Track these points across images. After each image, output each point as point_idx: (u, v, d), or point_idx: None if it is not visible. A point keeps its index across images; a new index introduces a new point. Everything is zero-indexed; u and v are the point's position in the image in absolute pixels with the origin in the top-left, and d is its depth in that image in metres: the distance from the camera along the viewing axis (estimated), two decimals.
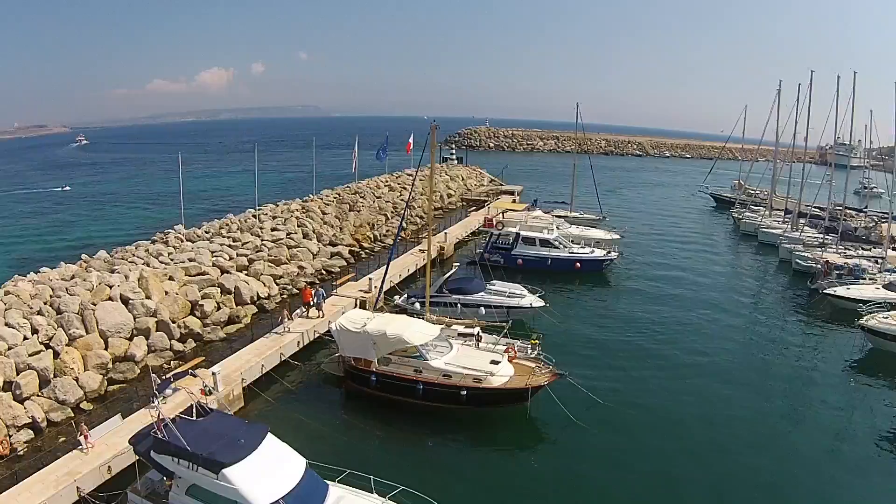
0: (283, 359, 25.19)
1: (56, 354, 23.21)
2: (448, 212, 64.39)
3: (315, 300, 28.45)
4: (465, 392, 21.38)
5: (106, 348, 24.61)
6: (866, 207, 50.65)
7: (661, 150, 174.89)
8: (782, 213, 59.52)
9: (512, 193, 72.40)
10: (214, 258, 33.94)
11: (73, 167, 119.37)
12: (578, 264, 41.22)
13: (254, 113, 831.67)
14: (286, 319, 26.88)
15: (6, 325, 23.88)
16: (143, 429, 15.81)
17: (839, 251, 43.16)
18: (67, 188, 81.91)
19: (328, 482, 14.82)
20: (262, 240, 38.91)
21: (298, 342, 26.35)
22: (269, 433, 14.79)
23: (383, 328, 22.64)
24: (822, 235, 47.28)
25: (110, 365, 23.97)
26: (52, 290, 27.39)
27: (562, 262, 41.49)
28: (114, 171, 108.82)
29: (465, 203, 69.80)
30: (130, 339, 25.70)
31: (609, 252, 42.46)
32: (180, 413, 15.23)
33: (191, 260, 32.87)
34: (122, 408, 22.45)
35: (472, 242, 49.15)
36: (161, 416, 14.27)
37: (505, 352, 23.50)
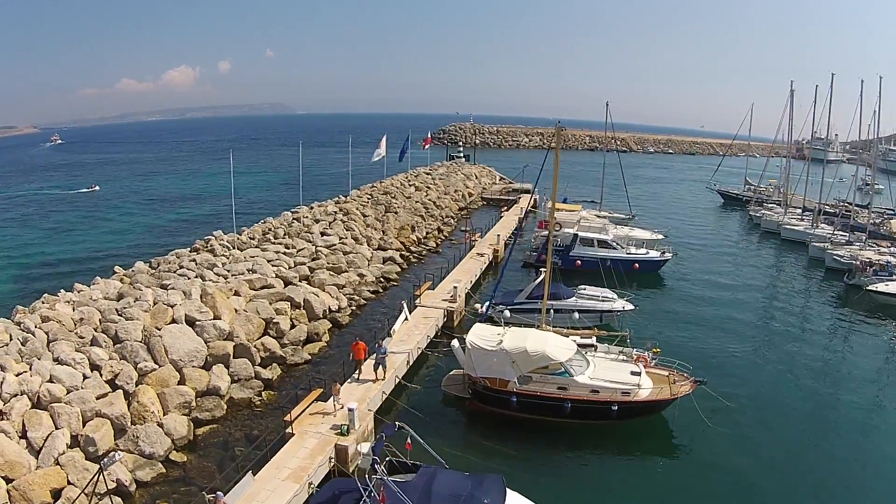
0: (398, 381, 21.52)
1: (128, 395, 18.82)
2: (472, 211, 61.20)
3: (376, 355, 20.56)
4: (615, 407, 19.91)
5: (182, 382, 20.32)
6: (869, 204, 51.54)
7: (645, 145, 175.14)
8: (799, 211, 59.88)
9: (529, 192, 69.71)
10: (275, 268, 29.59)
11: (56, 168, 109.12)
12: (637, 265, 39.64)
13: (221, 111, 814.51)
14: (338, 396, 18.66)
15: (56, 360, 19.22)
16: (324, 494, 12.04)
17: (871, 248, 43.90)
18: (96, 188, 73.90)
19: None
20: (316, 246, 34.55)
21: (408, 361, 22.71)
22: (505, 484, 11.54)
23: (522, 345, 20.37)
24: (848, 233, 47.81)
25: (193, 403, 19.67)
26: (101, 312, 22.72)
27: (621, 262, 39.58)
28: (101, 172, 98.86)
29: (485, 202, 66.61)
30: (206, 368, 21.42)
31: (664, 252, 41.30)
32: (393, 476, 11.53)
33: (250, 270, 28.41)
34: (214, 455, 18.46)
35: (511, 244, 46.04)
36: (380, 477, 10.66)
37: (636, 361, 21.87)
